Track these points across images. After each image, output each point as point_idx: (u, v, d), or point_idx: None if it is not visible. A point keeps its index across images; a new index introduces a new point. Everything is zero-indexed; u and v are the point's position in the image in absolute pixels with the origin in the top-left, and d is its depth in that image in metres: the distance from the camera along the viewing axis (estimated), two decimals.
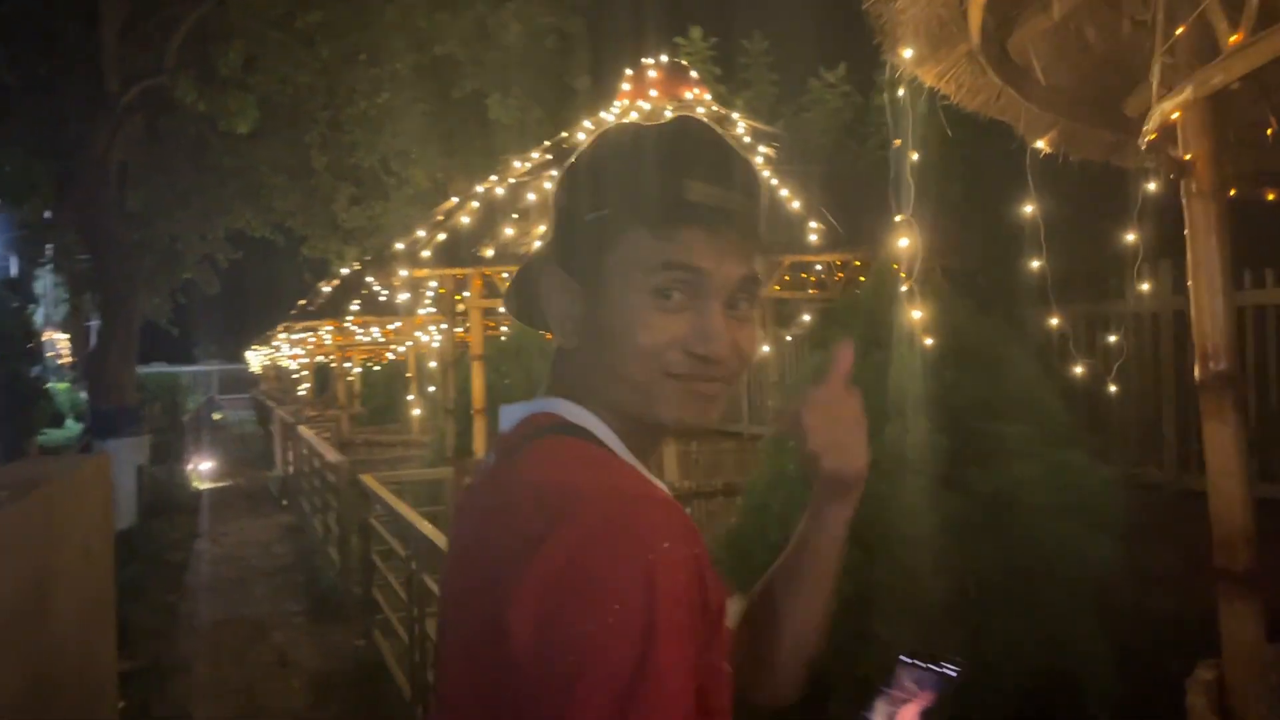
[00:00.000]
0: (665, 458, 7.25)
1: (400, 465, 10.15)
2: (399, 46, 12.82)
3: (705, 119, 1.14)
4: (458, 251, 7.16)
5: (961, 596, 4.20)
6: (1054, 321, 4.70)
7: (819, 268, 7.47)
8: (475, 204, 7.59)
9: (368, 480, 7.12)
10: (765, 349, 8.11)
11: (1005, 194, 9.72)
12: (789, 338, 8.23)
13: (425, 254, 7.28)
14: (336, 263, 18.17)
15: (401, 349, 14.29)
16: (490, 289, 7.76)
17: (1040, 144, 3.60)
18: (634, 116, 8.23)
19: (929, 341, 4.75)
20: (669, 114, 7.69)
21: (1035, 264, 4.42)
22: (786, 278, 7.32)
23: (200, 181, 16.29)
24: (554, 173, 7.56)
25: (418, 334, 13.36)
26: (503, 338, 13.57)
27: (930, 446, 4.39)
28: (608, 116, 8.42)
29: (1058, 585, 4.09)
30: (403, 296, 8.06)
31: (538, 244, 5.36)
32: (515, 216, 7.16)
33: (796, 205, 6.94)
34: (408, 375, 14.07)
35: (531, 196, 7.31)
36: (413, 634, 5.73)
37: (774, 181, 7.23)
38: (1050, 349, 5.54)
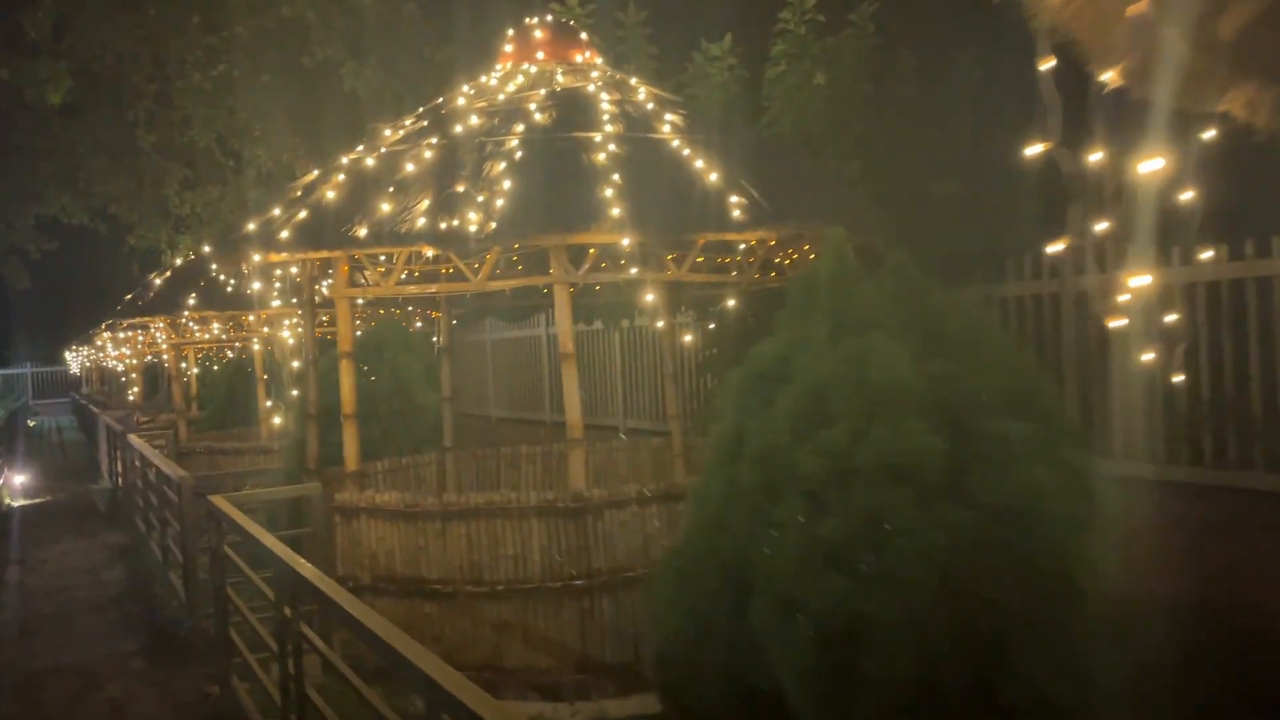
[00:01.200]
0: (571, 462, 6.40)
1: (251, 479, 8.94)
2: (238, 7, 11.49)
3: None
4: (322, 232, 6.12)
5: (970, 629, 3.53)
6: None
7: (743, 247, 6.74)
8: (341, 177, 6.55)
9: (218, 502, 6.02)
10: (687, 339, 7.35)
11: (909, 171, 9.24)
12: (711, 326, 7.51)
13: (283, 235, 6.21)
14: (169, 254, 16.48)
15: (251, 346, 12.94)
16: (361, 275, 6.74)
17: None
18: (519, 81, 7.33)
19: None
20: (559, 78, 6.79)
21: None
22: (700, 259, 6.56)
23: (5, 163, 14.44)
24: (434, 140, 6.60)
25: (267, 329, 12.05)
26: (359, 332, 12.43)
27: (924, 451, 3.70)
28: (492, 82, 7.48)
29: (1086, 612, 3.47)
30: (254, 286, 6.94)
31: (422, 220, 4.37)
32: (392, 190, 6.16)
33: (714, 178, 6.19)
34: (257, 375, 12.75)
35: (410, 167, 6.33)
36: (284, 681, 4.73)
37: (685, 152, 6.46)
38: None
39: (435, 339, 10.30)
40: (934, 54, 9.78)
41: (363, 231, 5.93)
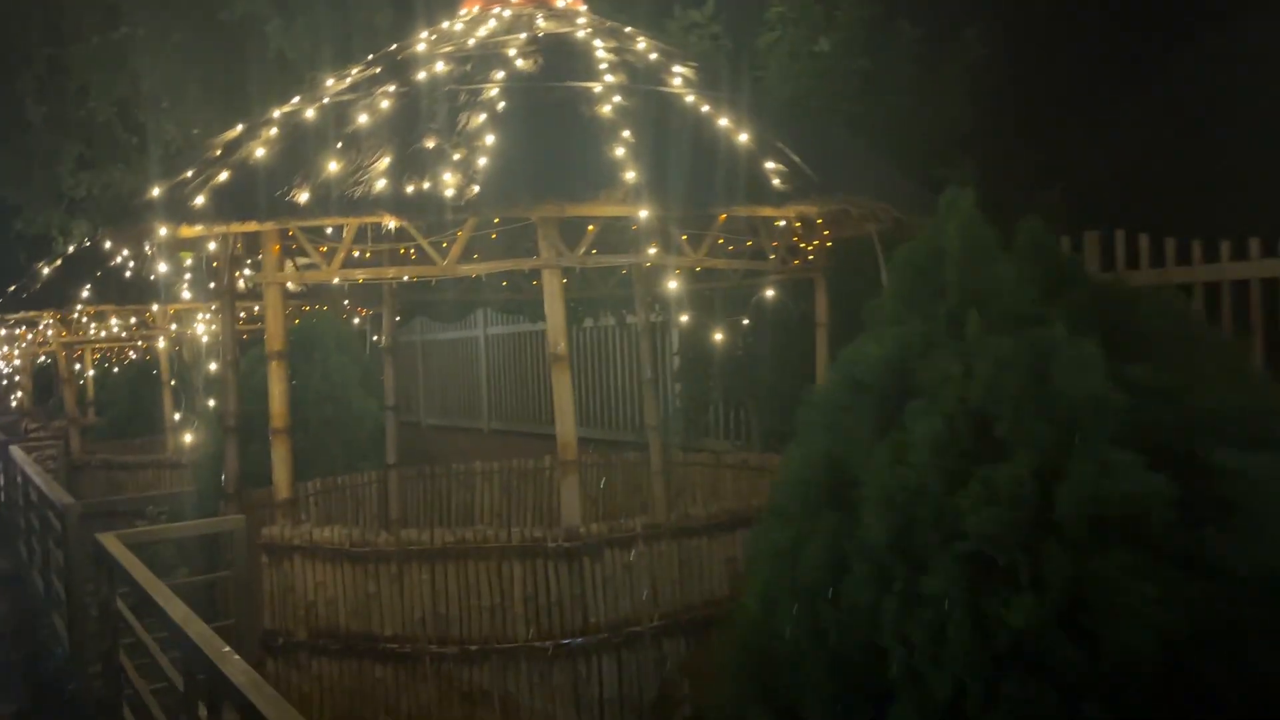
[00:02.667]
0: (563, 490, 5.17)
1: (154, 505, 7.47)
2: None
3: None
4: (250, 198, 4.79)
5: None
6: None
7: (782, 224, 5.56)
8: (274, 131, 5.22)
9: (109, 545, 4.65)
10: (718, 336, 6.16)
11: (909, 152, 8.22)
12: (745, 321, 6.33)
13: (197, 202, 4.86)
14: (60, 240, 14.72)
15: (157, 345, 11.35)
16: (296, 253, 5.42)
17: None
18: (490, 25, 6.06)
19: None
20: (540, 23, 5.56)
21: None
22: (720, 240, 5.38)
23: None
24: (392, 88, 5.30)
25: (175, 326, 10.51)
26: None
27: (1148, 496, 2.57)
28: (458, 27, 6.20)
29: None
30: (160, 270, 5.54)
31: (382, 182, 3.11)
32: (340, 146, 4.86)
33: (744, 140, 5.03)
34: (163, 378, 11.18)
35: (364, 118, 5.03)
36: None
37: (704, 109, 5.28)
38: None
39: (374, 337, 8.95)
40: (938, 28, 8.83)
41: (304, 196, 4.62)
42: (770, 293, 5.74)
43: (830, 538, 3.07)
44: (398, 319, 9.86)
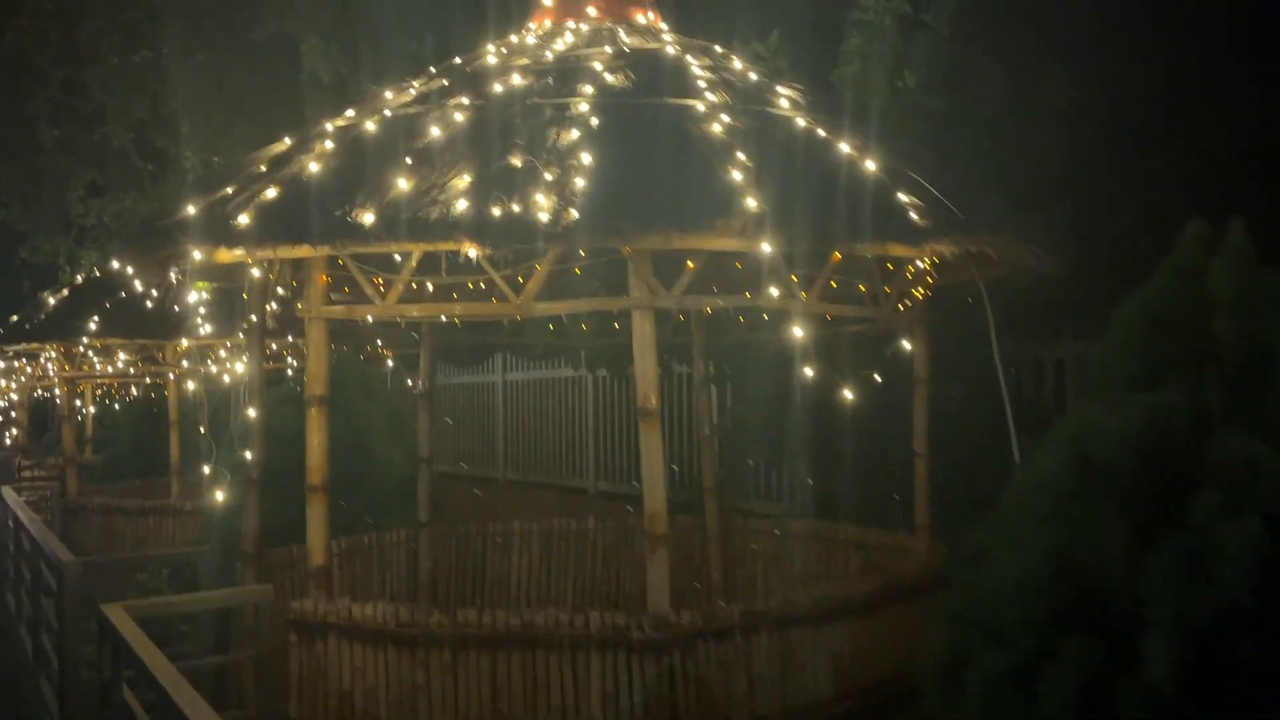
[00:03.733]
0: (650, 569, 4.44)
1: (161, 566, 6.67)
2: None
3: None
4: (304, 218, 4.10)
5: None
6: None
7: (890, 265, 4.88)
8: (329, 145, 4.54)
9: (118, 620, 3.91)
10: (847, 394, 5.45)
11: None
12: (876, 377, 5.62)
13: (242, 221, 4.17)
14: (67, 271, 14.04)
15: (170, 383, 10.59)
16: (346, 286, 4.74)
17: None
18: (567, 39, 5.41)
19: None
20: (624, 38, 4.93)
21: None
22: (833, 284, 4.70)
23: None
24: (465, 100, 4.63)
25: (186, 363, 9.78)
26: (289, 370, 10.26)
27: None
28: (529, 40, 5.57)
29: None
30: (189, 299, 4.84)
31: (462, 203, 2.45)
32: (410, 162, 4.18)
33: (870, 168, 4.36)
34: (169, 417, 10.44)
35: (436, 131, 4.36)
36: None
37: (820, 133, 4.62)
38: None
39: (409, 381, 8.25)
40: (1021, 67, 8.24)
41: (368, 217, 3.93)
42: (906, 345, 5.00)
43: (1080, 668, 2.34)
44: (390, 363, 9.19)
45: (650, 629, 4.26)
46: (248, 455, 5.26)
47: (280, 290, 6.22)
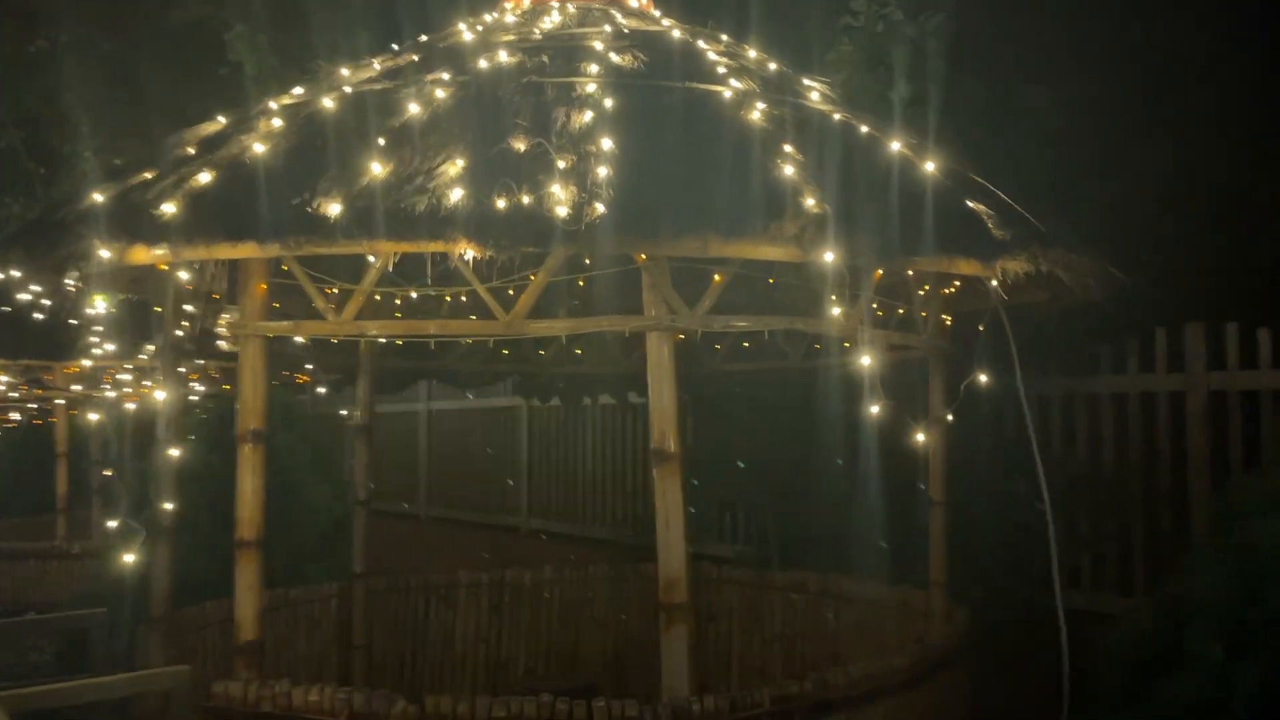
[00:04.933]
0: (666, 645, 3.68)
1: (37, 636, 5.58)
2: None
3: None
4: (248, 208, 3.26)
5: None
6: None
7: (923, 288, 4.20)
8: (277, 123, 3.70)
9: None
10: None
11: None
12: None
13: (166, 211, 3.32)
14: None
15: (59, 410, 9.37)
16: (276, 300, 3.89)
17: None
18: (554, 19, 4.66)
19: None
20: (620, 20, 4.21)
21: None
22: (875, 307, 4.01)
23: None
24: (446, 76, 3.84)
25: (79, 386, 8.63)
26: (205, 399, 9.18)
27: None
28: (508, 19, 4.80)
29: None
30: (92, 310, 3.92)
31: (457, 192, 1.87)
32: (382, 144, 3.37)
33: (931, 171, 3.71)
34: (58, 449, 9.26)
35: (414, 108, 3.56)
36: None
37: (863, 130, 3.95)
38: None
39: (344, 412, 7.35)
40: (1005, 88, 7.77)
41: (334, 208, 3.11)
42: (982, 377, 4.30)
43: None
44: (322, 390, 8.25)
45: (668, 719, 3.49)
46: (167, 505, 4.33)
47: (189, 306, 5.33)
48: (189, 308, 4.75)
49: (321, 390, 7.14)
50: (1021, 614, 6.46)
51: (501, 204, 3.04)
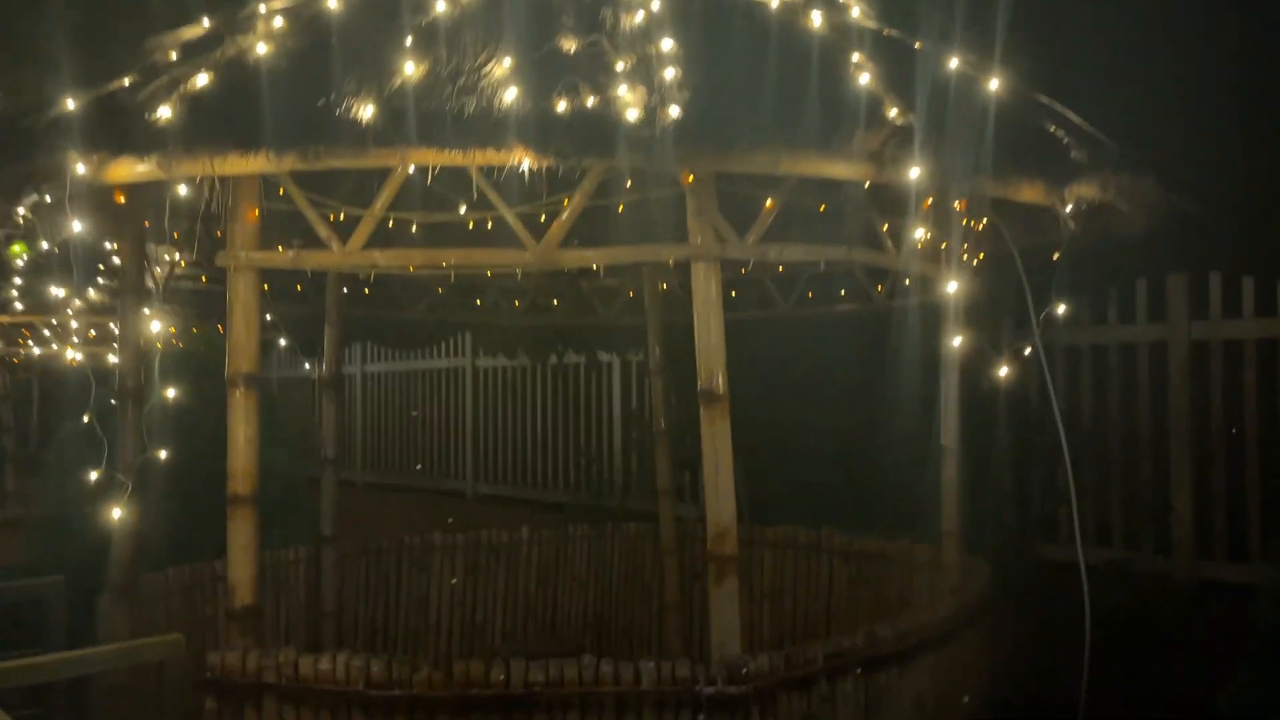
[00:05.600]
0: (715, 601, 3.41)
1: None
2: None
3: None
4: (257, 116, 2.86)
5: None
6: None
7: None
8: (279, 23, 3.27)
9: None
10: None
11: None
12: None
13: (160, 117, 2.89)
14: None
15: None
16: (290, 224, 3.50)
17: None
18: None
19: None
20: None
21: None
22: (926, 234, 3.75)
23: None
24: None
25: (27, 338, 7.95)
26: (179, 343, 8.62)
27: None
28: None
29: None
30: (74, 230, 3.45)
31: (511, 93, 1.64)
32: (409, 42, 2.99)
33: (995, 87, 3.46)
34: None
35: (441, 6, 3.16)
36: None
37: (914, 44, 3.69)
38: None
39: (306, 365, 6.91)
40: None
41: (367, 110, 2.72)
42: (1060, 308, 4.03)
43: None
44: (283, 343, 7.75)
45: (724, 682, 3.21)
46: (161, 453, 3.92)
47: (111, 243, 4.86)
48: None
49: (283, 343, 6.65)
50: (1023, 564, 6.39)
51: (560, 106, 2.69)
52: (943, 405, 5.11)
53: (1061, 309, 3.69)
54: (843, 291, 6.00)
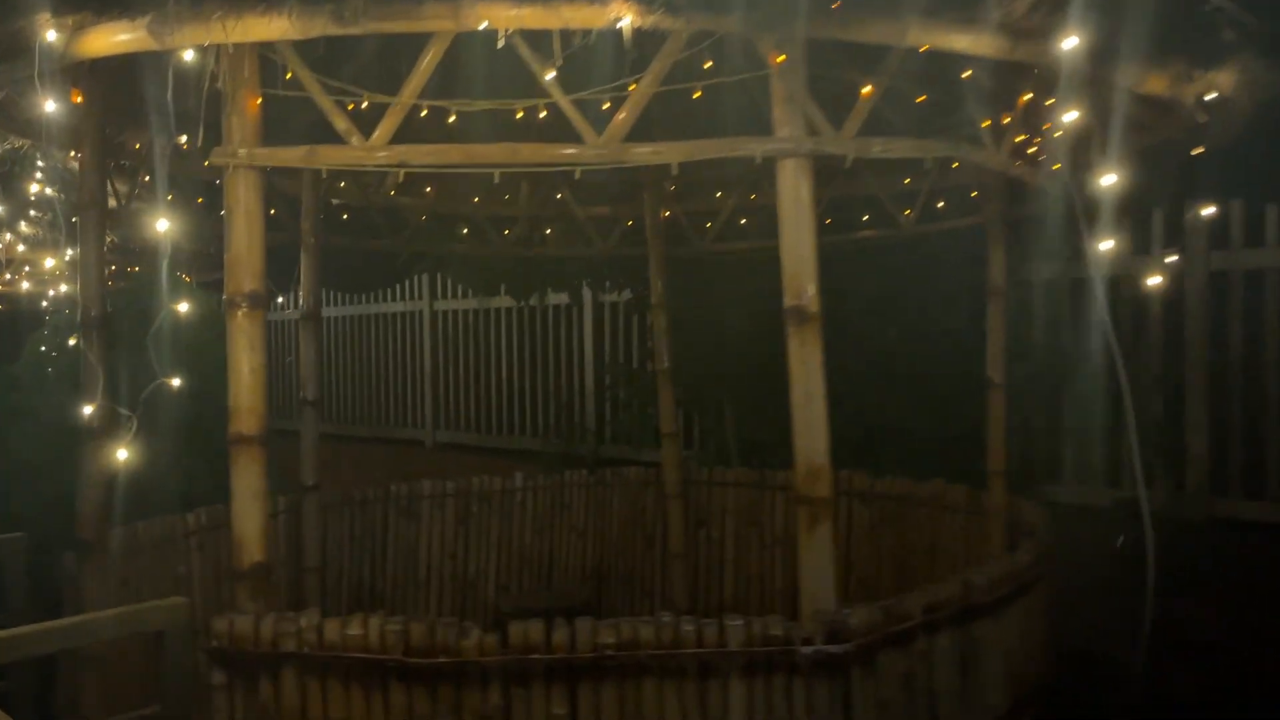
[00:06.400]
0: (805, 548, 2.99)
1: None
2: None
3: None
4: None
5: None
6: None
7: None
8: None
9: None
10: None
11: None
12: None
13: None
14: None
15: None
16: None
17: None
18: None
19: None
20: None
21: None
22: (1020, 139, 3.33)
23: None
24: None
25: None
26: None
27: None
28: None
29: None
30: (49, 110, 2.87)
31: None
32: None
33: None
34: None
35: None
36: None
37: None
38: None
39: (279, 299, 6.32)
40: None
41: None
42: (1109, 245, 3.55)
43: None
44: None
45: (822, 640, 2.81)
46: (174, 381, 3.40)
47: (60, 152, 4.26)
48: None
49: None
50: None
51: None
52: (990, 339, 4.78)
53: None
54: (865, 217, 5.60)
